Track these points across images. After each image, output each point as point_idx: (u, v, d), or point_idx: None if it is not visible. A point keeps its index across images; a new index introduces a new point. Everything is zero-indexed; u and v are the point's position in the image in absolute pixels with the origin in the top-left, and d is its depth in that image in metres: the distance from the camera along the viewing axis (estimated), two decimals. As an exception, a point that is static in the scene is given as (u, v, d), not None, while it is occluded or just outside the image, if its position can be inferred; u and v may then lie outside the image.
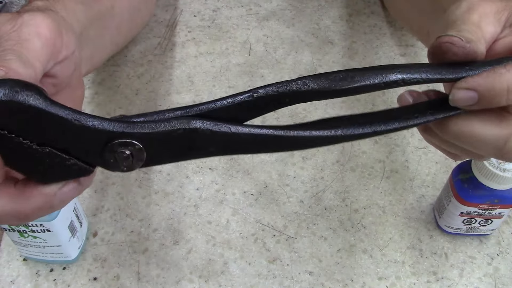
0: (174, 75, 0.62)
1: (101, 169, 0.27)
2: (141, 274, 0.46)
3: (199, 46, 0.66)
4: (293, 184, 0.53)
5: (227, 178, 0.53)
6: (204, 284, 0.46)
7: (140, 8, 0.57)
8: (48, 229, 0.42)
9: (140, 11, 0.58)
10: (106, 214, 0.50)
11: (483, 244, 0.49)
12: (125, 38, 0.56)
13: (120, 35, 0.52)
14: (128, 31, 0.55)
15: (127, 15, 0.52)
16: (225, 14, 0.70)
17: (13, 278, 0.46)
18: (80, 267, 0.47)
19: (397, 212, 0.51)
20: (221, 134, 0.26)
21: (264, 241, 0.49)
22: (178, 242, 0.48)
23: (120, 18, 0.51)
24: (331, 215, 0.51)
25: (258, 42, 0.67)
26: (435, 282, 0.46)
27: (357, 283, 0.46)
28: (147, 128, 0.26)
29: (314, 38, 0.67)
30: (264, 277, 0.46)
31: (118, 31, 0.51)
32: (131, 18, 0.54)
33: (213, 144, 0.27)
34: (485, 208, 0.45)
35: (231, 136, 0.27)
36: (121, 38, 0.54)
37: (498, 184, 0.43)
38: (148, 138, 0.26)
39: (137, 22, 0.58)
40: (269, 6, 0.71)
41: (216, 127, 0.26)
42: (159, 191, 0.52)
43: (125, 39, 0.57)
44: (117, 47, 0.54)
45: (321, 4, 0.72)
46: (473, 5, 0.32)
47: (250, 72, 0.63)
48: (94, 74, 0.62)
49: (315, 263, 0.47)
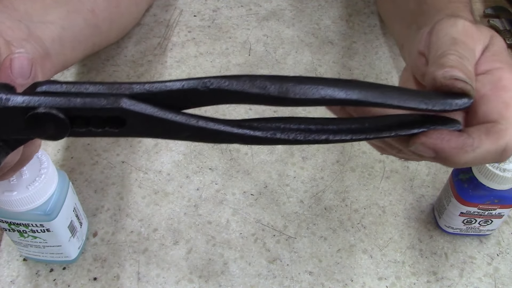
0: (174, 75, 0.62)
1: (101, 169, 0.27)
2: (141, 274, 0.46)
3: (199, 46, 0.66)
4: (293, 184, 0.53)
5: (227, 178, 0.53)
6: (204, 284, 0.46)
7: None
8: (48, 229, 0.41)
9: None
10: (106, 214, 0.50)
11: (483, 244, 0.49)
12: (109, 24, 0.55)
13: (97, 18, 0.52)
14: (108, 15, 0.54)
15: (101, 0, 0.52)
16: (225, 14, 0.70)
17: (13, 278, 0.46)
18: (80, 267, 0.47)
19: (397, 212, 0.51)
20: (144, 116, 0.26)
21: (264, 241, 0.49)
22: (178, 242, 0.48)
23: (93, 3, 0.51)
24: (331, 215, 0.51)
25: (258, 42, 0.67)
26: (435, 282, 0.46)
27: (357, 283, 0.46)
28: (72, 101, 0.26)
29: (314, 38, 0.67)
30: (264, 277, 0.46)
31: (93, 14, 0.51)
32: (109, 4, 0.54)
33: (137, 125, 0.27)
34: (485, 208, 0.45)
35: (152, 119, 0.26)
36: (102, 22, 0.53)
37: (498, 184, 0.43)
38: (72, 110, 0.26)
39: (120, 9, 0.57)
40: (269, 6, 0.71)
41: (138, 108, 0.26)
42: (159, 191, 0.52)
43: (110, 24, 0.56)
44: (101, 31, 0.54)
45: (321, 4, 0.72)
46: (467, 30, 0.32)
47: (250, 72, 0.63)
48: (94, 74, 0.62)
49: (315, 263, 0.47)
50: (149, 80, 0.62)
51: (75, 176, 0.53)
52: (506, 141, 0.29)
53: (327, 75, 0.63)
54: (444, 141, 0.28)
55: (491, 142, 0.28)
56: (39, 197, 0.39)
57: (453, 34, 0.32)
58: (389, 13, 0.57)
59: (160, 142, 0.56)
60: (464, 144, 0.28)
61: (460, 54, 0.31)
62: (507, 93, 0.30)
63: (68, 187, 0.43)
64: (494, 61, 0.32)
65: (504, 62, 0.32)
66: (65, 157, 0.54)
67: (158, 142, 0.56)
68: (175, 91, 0.27)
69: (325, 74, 0.63)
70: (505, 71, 0.32)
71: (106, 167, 0.53)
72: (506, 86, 0.31)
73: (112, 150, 0.55)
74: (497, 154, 0.29)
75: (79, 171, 0.53)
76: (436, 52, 0.32)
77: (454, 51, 0.31)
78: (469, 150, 0.28)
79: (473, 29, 0.33)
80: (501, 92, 0.30)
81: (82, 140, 0.56)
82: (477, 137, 0.28)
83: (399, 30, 0.49)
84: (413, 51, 0.36)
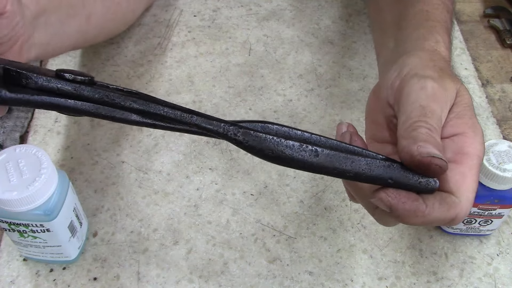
0: (174, 75, 0.62)
1: (101, 169, 0.27)
2: (141, 274, 0.46)
3: (199, 46, 0.66)
4: (293, 184, 0.53)
5: (227, 178, 0.53)
6: (204, 284, 0.46)
7: (119, 3, 0.57)
8: (48, 229, 0.41)
9: (120, 5, 0.57)
10: (106, 214, 0.50)
11: (483, 244, 0.49)
12: (99, 31, 0.56)
13: (90, 26, 0.52)
14: (102, 23, 0.55)
15: (100, 7, 0.52)
16: (225, 14, 0.70)
17: (13, 278, 0.46)
18: (80, 267, 0.47)
19: (397, 212, 0.51)
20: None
21: (264, 241, 0.49)
22: (178, 242, 0.48)
23: (92, 8, 0.51)
24: (331, 215, 0.51)
25: (258, 42, 0.67)
26: (435, 282, 0.46)
27: (357, 283, 0.46)
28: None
29: (314, 38, 0.67)
30: (264, 277, 0.46)
31: (88, 21, 0.51)
32: (106, 11, 0.54)
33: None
34: (485, 208, 0.45)
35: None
36: (93, 29, 0.53)
37: (498, 184, 0.43)
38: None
39: (116, 16, 0.58)
40: (269, 6, 0.71)
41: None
42: (159, 191, 0.52)
43: (100, 32, 0.56)
44: (87, 38, 0.54)
45: (321, 4, 0.72)
46: (435, 94, 0.34)
47: (250, 72, 0.63)
48: (94, 74, 0.62)
49: (315, 263, 0.47)
50: (149, 80, 0.62)
51: (75, 176, 0.53)
52: (457, 212, 0.31)
53: (327, 75, 0.63)
54: (400, 202, 0.30)
55: (442, 211, 0.30)
56: (39, 197, 0.39)
57: (421, 102, 0.33)
58: (372, 19, 0.58)
59: (160, 142, 0.56)
60: (416, 210, 0.30)
61: (430, 126, 0.32)
62: (468, 162, 0.32)
63: (68, 187, 0.43)
64: (459, 124, 0.34)
65: (469, 126, 0.34)
66: (65, 157, 0.54)
67: (158, 142, 0.56)
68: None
69: (325, 74, 0.63)
70: (468, 137, 0.33)
71: (106, 167, 0.53)
72: (468, 153, 0.32)
73: (112, 150, 0.55)
74: (446, 221, 0.31)
75: (79, 171, 0.53)
76: (406, 121, 0.33)
77: (424, 123, 0.32)
78: (420, 215, 0.30)
79: (440, 91, 0.34)
80: (462, 160, 0.32)
81: (82, 140, 0.56)
82: (430, 205, 0.30)
83: (377, 38, 0.50)
84: (384, 85, 0.38)
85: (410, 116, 0.33)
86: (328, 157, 0.29)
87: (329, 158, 0.29)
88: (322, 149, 0.29)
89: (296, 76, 0.63)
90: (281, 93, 0.61)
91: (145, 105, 0.30)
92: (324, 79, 0.63)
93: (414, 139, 0.31)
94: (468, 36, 0.70)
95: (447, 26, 0.42)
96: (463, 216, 0.31)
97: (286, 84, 0.62)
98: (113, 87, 0.31)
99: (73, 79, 0.30)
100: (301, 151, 0.29)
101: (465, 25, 0.72)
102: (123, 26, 0.63)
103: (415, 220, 0.30)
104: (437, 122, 0.33)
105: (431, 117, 0.32)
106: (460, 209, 0.31)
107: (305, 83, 0.62)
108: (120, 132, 0.56)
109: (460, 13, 0.74)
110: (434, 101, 0.33)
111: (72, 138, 0.56)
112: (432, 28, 0.41)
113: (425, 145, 0.30)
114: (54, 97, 0.30)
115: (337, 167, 0.29)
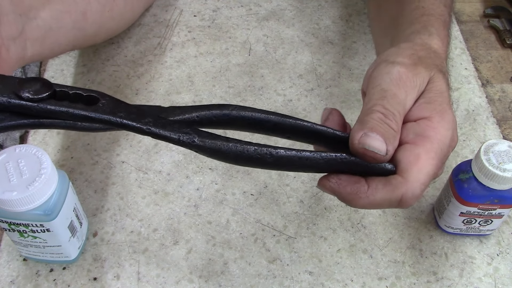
0: (174, 75, 0.62)
1: (101, 169, 0.27)
2: (141, 274, 0.46)
3: (199, 46, 0.66)
4: (293, 184, 0.53)
5: (227, 178, 0.53)
6: (204, 284, 0.46)
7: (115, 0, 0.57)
8: (48, 229, 0.41)
9: (116, 3, 0.57)
10: (106, 214, 0.50)
11: (483, 244, 0.49)
12: (97, 28, 0.55)
13: (87, 22, 0.52)
14: (100, 20, 0.55)
15: (95, 3, 0.52)
16: (225, 14, 0.70)
17: (13, 278, 0.46)
18: (80, 267, 0.47)
19: (397, 212, 0.51)
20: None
21: (264, 241, 0.49)
22: (178, 242, 0.48)
23: (86, 5, 0.51)
24: (331, 215, 0.51)
25: (258, 42, 0.67)
26: (435, 282, 0.46)
27: (357, 283, 0.46)
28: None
29: (314, 38, 0.67)
30: (264, 277, 0.46)
31: (84, 17, 0.51)
32: (102, 8, 0.54)
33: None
34: (485, 208, 0.45)
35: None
36: (90, 27, 0.53)
37: (498, 184, 0.43)
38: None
39: (113, 14, 0.58)
40: (269, 6, 0.71)
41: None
42: (159, 191, 0.52)
43: (98, 30, 0.56)
44: (86, 36, 0.54)
45: (321, 4, 0.72)
46: (401, 78, 0.34)
47: (250, 72, 0.63)
48: (94, 74, 0.62)
49: (315, 263, 0.47)
50: (149, 80, 0.62)
51: (75, 176, 0.53)
52: (402, 193, 0.31)
53: (327, 75, 0.63)
54: (341, 186, 0.30)
55: (386, 192, 0.30)
56: (39, 197, 0.39)
57: (383, 85, 0.33)
58: (372, 19, 0.58)
59: (160, 142, 0.56)
60: (358, 191, 0.30)
61: (386, 110, 0.32)
62: (425, 144, 0.32)
63: (68, 187, 0.43)
64: (427, 108, 0.34)
65: (437, 111, 0.33)
66: (65, 157, 0.54)
67: (158, 142, 0.56)
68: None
69: (325, 74, 0.63)
70: (432, 121, 0.33)
71: (106, 167, 0.53)
72: (429, 136, 0.32)
73: (112, 150, 0.55)
74: (393, 202, 0.31)
75: (79, 171, 0.53)
76: (367, 104, 0.33)
77: (381, 107, 0.32)
78: (363, 196, 0.30)
79: (408, 76, 0.34)
80: (420, 142, 0.32)
81: (82, 140, 0.56)
82: (374, 186, 0.30)
83: (377, 38, 0.50)
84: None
85: (371, 99, 0.33)
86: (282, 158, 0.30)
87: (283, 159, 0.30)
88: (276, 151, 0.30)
89: (296, 76, 0.63)
90: (281, 93, 0.61)
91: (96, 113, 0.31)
92: (324, 79, 0.63)
93: (363, 125, 0.31)
94: (468, 36, 0.70)
95: (444, 19, 0.42)
96: (410, 197, 0.31)
97: (286, 84, 0.62)
98: (73, 93, 0.31)
99: (31, 98, 0.29)
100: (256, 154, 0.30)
101: (465, 25, 0.72)
102: (123, 25, 0.63)
103: (360, 202, 0.30)
104: (396, 106, 0.32)
105: (389, 101, 0.32)
106: (405, 190, 0.30)
107: (305, 83, 0.62)
108: (120, 132, 0.56)
109: (460, 13, 0.74)
110: (397, 85, 0.33)
111: (72, 138, 0.56)
112: (427, 22, 0.41)
113: (369, 134, 0.30)
114: (14, 120, 0.30)
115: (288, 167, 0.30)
